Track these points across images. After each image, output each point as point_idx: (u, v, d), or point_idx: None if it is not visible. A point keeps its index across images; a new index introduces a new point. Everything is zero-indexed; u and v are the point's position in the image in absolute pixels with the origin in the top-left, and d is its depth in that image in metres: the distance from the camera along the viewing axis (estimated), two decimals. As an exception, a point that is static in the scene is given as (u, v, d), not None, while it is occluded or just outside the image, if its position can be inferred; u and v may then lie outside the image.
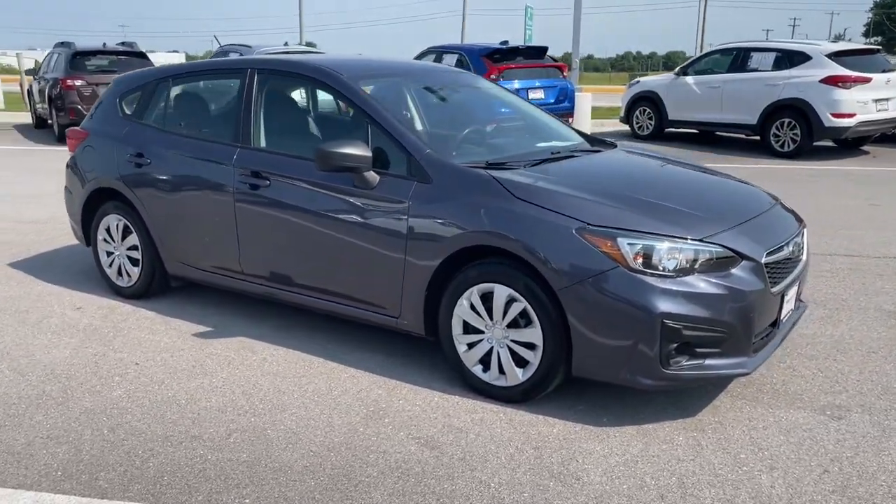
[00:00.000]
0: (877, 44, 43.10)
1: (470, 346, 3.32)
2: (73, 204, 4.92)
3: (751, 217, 3.32)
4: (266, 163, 3.90)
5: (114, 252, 4.72)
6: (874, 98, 10.56)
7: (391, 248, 3.44)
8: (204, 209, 4.15)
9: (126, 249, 4.64)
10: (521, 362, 3.18)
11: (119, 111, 4.74)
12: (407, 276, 3.42)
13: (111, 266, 4.75)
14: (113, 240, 4.70)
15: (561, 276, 2.98)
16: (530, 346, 3.15)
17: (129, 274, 4.65)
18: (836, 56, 10.66)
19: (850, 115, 10.41)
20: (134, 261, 4.62)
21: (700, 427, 3.06)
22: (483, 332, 3.27)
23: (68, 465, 2.79)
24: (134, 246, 4.59)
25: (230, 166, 4.01)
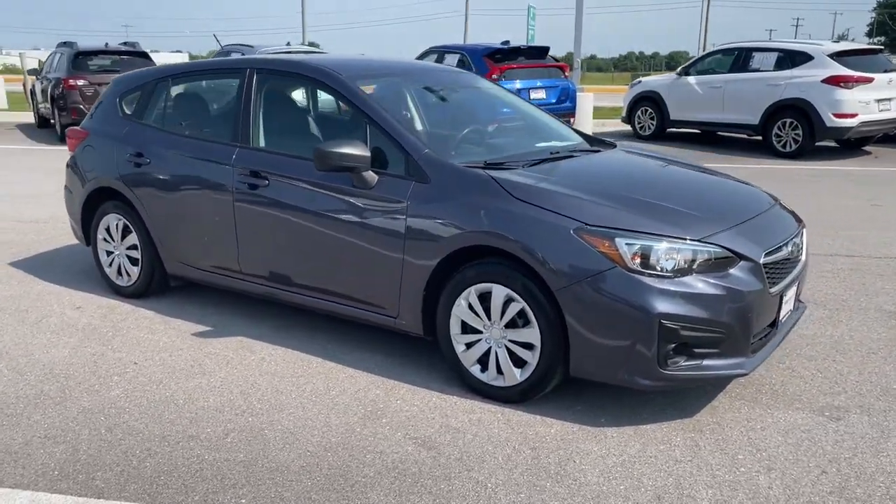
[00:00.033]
0: (880, 44, 42.99)
1: (468, 346, 3.32)
2: (73, 203, 4.92)
3: (749, 217, 3.31)
4: (265, 162, 3.90)
5: (113, 251, 4.72)
6: (876, 98, 10.53)
7: (389, 248, 3.44)
8: (203, 209, 4.15)
9: (125, 249, 4.64)
10: (519, 362, 3.18)
11: (119, 111, 4.74)
12: (405, 276, 3.42)
13: (111, 265, 4.75)
14: (112, 239, 4.71)
15: (559, 277, 2.97)
16: (528, 347, 3.14)
17: (129, 273, 4.66)
18: (838, 56, 10.64)
19: (852, 116, 10.39)
20: (133, 260, 4.62)
21: (698, 428, 3.05)
22: (481, 333, 3.27)
23: (65, 465, 2.79)
24: (133, 245, 4.59)
25: (229, 166, 4.01)
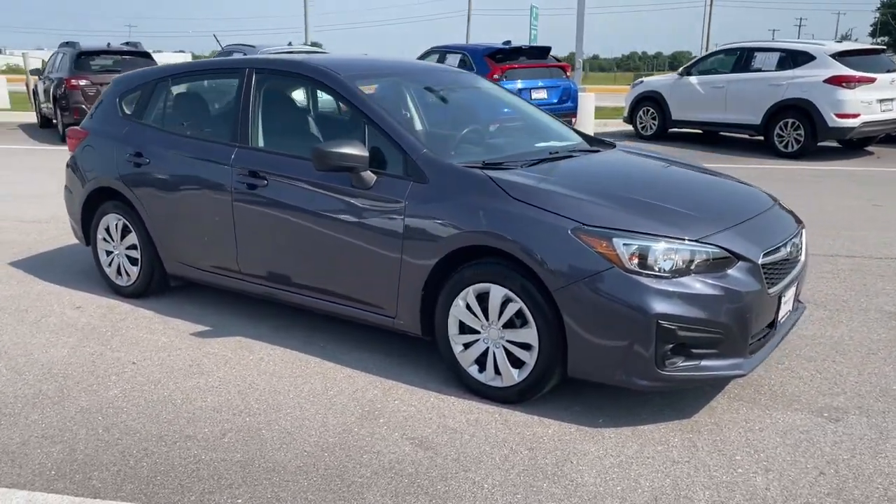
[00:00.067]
0: (883, 44, 42.93)
1: (466, 347, 3.32)
2: (73, 203, 4.93)
3: (748, 217, 3.30)
4: (264, 162, 3.90)
5: (113, 251, 4.72)
6: (879, 98, 10.51)
7: (388, 248, 3.43)
8: (202, 209, 4.15)
9: (125, 249, 4.65)
10: (517, 363, 3.17)
11: (119, 111, 4.74)
12: (403, 276, 3.41)
13: (110, 265, 4.75)
14: (112, 239, 4.71)
15: (556, 277, 2.97)
16: (526, 347, 3.13)
17: (129, 273, 4.66)
18: (841, 56, 10.61)
19: (855, 116, 10.37)
20: (133, 260, 4.63)
21: (696, 428, 3.04)
22: (479, 333, 3.26)
23: (62, 465, 2.79)
24: (133, 245, 4.59)
25: (228, 166, 4.01)
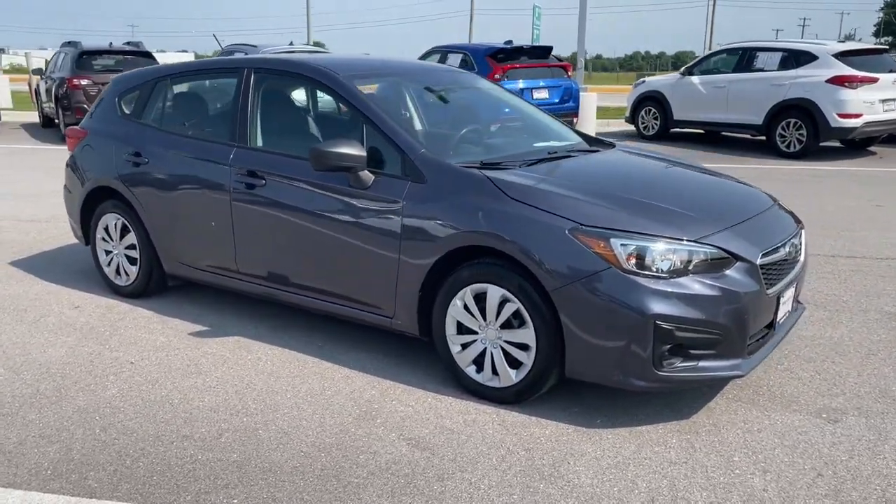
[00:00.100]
0: (887, 44, 42.83)
1: (463, 347, 3.31)
2: (73, 203, 4.93)
3: (747, 218, 3.29)
4: (262, 162, 3.90)
5: (112, 251, 4.72)
6: (881, 98, 10.47)
7: (385, 248, 3.43)
8: (201, 209, 4.14)
9: (124, 248, 4.65)
10: (515, 363, 3.16)
11: (118, 110, 4.74)
12: (401, 277, 3.41)
13: (109, 265, 4.75)
14: (111, 239, 4.71)
15: (554, 277, 2.96)
16: (523, 347, 3.13)
17: (128, 273, 4.66)
18: (843, 56, 10.59)
19: (857, 116, 10.34)
20: (132, 260, 4.62)
21: (694, 429, 3.03)
22: (476, 333, 3.26)
23: (59, 465, 2.79)
24: (132, 245, 4.59)
25: (227, 166, 4.01)
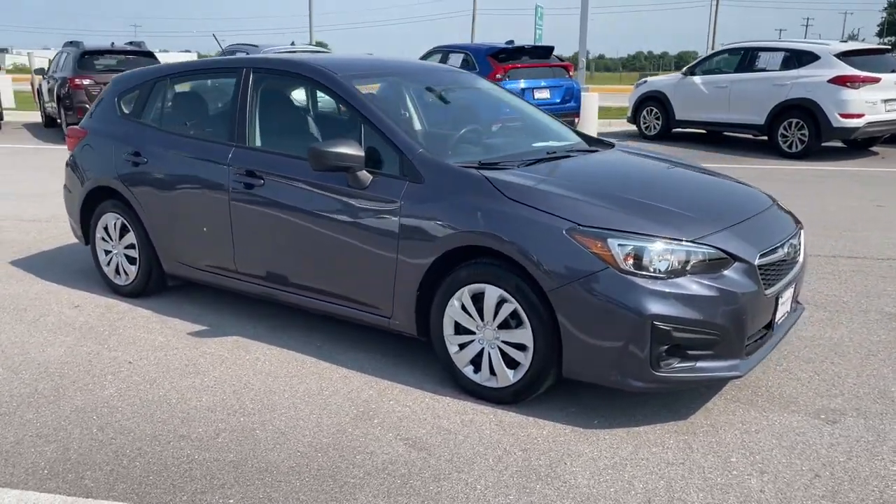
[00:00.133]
0: (890, 44, 42.73)
1: (461, 347, 3.30)
2: (72, 202, 4.93)
3: (745, 218, 3.28)
4: (260, 162, 3.90)
5: (112, 250, 4.73)
6: (883, 98, 10.44)
7: (383, 248, 3.42)
8: (200, 208, 4.14)
9: (123, 248, 4.65)
10: (512, 364, 3.16)
11: (117, 110, 4.75)
12: (399, 276, 3.40)
13: (109, 264, 4.76)
14: (111, 238, 4.71)
15: (551, 277, 2.95)
16: (521, 348, 3.12)
17: (127, 272, 4.66)
18: (845, 56, 10.56)
19: (859, 116, 10.31)
20: (131, 259, 4.63)
21: (692, 430, 3.03)
22: (474, 333, 3.25)
23: (55, 464, 2.79)
24: (131, 244, 4.60)
25: (225, 165, 4.01)
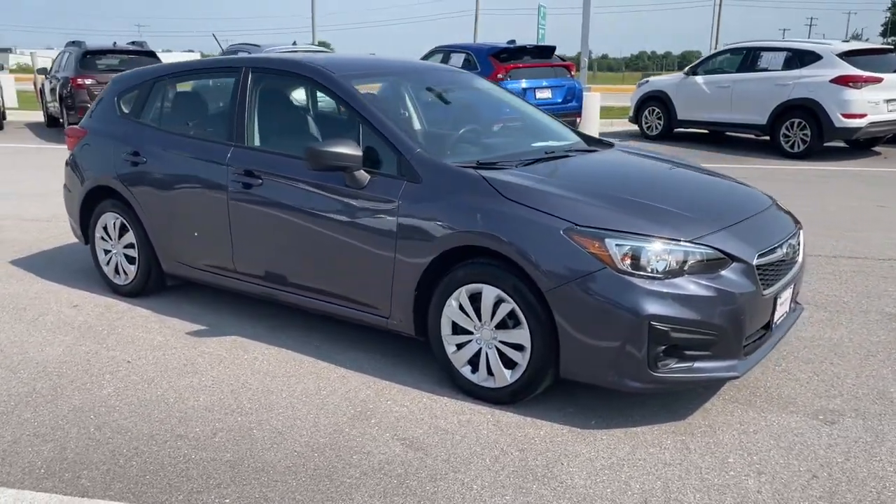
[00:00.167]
0: (893, 44, 42.57)
1: (459, 347, 3.30)
2: (72, 202, 4.94)
3: (744, 218, 3.27)
4: (259, 161, 3.89)
5: (111, 250, 4.73)
6: (886, 98, 10.41)
7: (381, 248, 3.42)
8: (198, 208, 4.14)
9: (123, 247, 4.65)
10: (510, 364, 3.15)
11: (117, 110, 4.75)
12: (397, 276, 3.40)
13: (108, 264, 4.76)
14: (110, 238, 4.71)
15: (549, 277, 2.94)
16: (518, 348, 3.12)
17: (126, 272, 4.66)
18: (848, 56, 10.52)
19: (861, 116, 10.28)
20: (131, 259, 4.63)
21: (689, 430, 3.02)
22: (472, 333, 3.25)
23: (52, 464, 2.79)
24: (131, 244, 4.60)
25: (224, 165, 4.01)
